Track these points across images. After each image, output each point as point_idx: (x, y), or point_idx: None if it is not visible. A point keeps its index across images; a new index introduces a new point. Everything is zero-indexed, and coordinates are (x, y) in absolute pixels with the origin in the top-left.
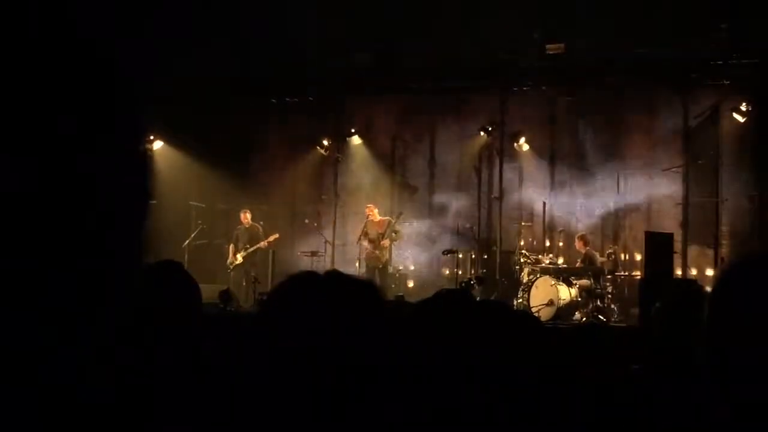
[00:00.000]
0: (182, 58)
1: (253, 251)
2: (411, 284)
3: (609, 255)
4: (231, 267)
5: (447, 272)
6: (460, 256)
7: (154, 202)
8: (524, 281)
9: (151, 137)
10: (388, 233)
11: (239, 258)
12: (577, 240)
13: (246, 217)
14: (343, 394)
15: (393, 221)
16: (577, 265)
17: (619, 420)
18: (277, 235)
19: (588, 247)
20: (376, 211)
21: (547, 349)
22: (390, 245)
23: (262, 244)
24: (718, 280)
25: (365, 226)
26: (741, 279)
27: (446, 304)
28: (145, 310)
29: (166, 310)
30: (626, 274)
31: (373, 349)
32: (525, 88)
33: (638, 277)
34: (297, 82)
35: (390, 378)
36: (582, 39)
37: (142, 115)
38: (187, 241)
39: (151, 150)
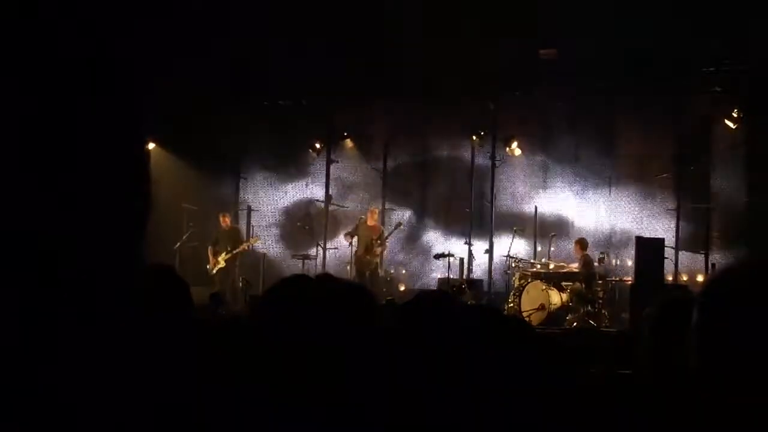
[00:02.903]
0: (175, 60)
1: (235, 254)
2: (402, 288)
3: (600, 260)
4: (213, 271)
5: (438, 276)
6: (452, 260)
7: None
8: (515, 286)
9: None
10: (381, 241)
11: (221, 261)
12: (574, 244)
13: (225, 220)
14: (333, 395)
15: (385, 233)
16: (571, 266)
17: (608, 425)
18: (258, 238)
19: (585, 252)
20: (376, 216)
21: (538, 354)
22: (382, 252)
23: (244, 245)
24: (706, 286)
25: (356, 228)
26: (728, 284)
27: (427, 306)
28: (138, 312)
29: (156, 314)
30: (617, 279)
31: (362, 351)
32: (517, 93)
33: (629, 283)
34: (290, 85)
35: (379, 379)
36: (574, 45)
37: (142, 118)
38: (178, 244)
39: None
